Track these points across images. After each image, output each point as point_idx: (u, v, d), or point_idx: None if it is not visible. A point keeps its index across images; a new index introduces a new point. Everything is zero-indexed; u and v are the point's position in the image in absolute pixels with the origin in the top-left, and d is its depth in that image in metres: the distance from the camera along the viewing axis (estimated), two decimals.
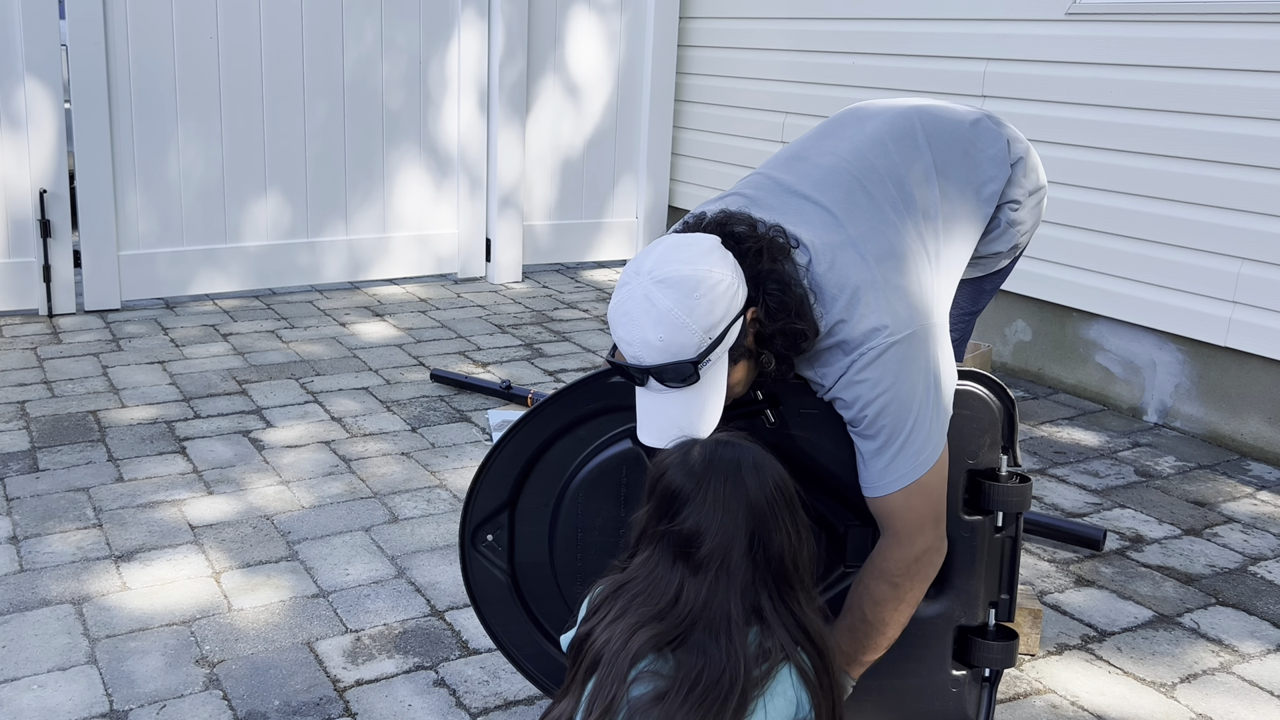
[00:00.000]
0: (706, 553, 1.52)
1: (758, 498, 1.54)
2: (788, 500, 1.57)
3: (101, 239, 4.92)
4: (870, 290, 1.81)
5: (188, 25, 4.96)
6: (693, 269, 1.70)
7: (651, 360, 1.70)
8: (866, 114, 2.15)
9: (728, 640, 1.49)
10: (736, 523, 1.53)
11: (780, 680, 1.51)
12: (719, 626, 1.50)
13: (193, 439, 3.60)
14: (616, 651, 1.51)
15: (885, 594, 1.87)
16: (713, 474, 1.55)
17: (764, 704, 1.49)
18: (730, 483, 1.54)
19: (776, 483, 1.56)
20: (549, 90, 5.95)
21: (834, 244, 1.85)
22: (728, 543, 1.52)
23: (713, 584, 1.52)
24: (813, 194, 1.93)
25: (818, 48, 5.37)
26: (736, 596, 1.52)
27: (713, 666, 1.48)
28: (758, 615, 1.53)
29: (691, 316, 1.67)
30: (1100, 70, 4.14)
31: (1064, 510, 3.32)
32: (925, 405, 1.80)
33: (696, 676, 1.47)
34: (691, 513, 1.54)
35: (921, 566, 1.88)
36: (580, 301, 5.57)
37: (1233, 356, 3.88)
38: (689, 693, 1.46)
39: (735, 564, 1.52)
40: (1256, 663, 2.56)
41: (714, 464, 1.56)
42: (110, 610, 2.58)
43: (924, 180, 2.00)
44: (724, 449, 1.58)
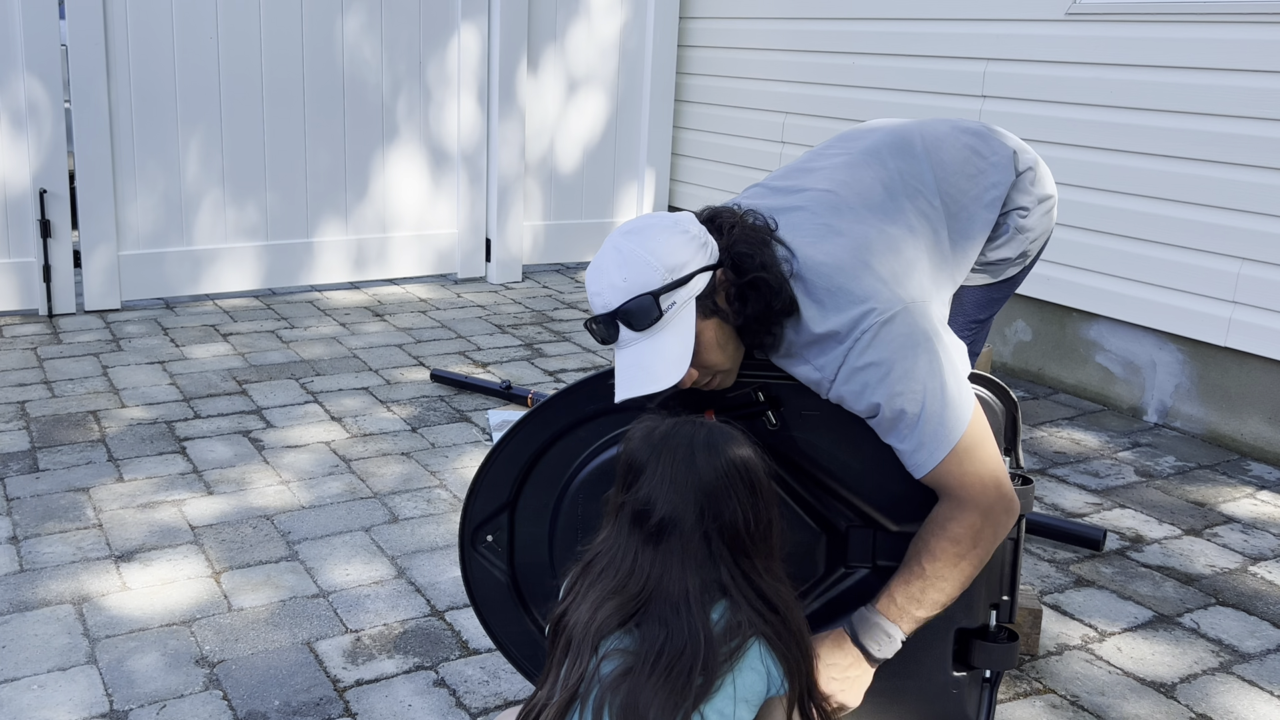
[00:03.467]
0: (657, 523, 1.55)
1: (708, 474, 1.56)
2: (745, 477, 1.58)
3: (101, 239, 4.92)
4: (858, 277, 1.82)
5: (188, 25, 4.96)
6: (659, 220, 1.81)
7: (617, 301, 1.76)
8: (866, 129, 2.19)
9: (687, 612, 1.51)
10: (684, 496, 1.55)
11: (749, 655, 1.53)
12: (677, 599, 1.53)
13: (193, 439, 3.60)
14: (584, 627, 1.54)
15: (946, 551, 1.83)
16: (666, 448, 1.59)
17: (733, 679, 1.51)
18: (681, 457, 1.57)
19: (732, 461, 1.58)
20: (549, 90, 5.94)
21: (820, 233, 1.88)
22: (676, 514, 1.55)
23: (665, 555, 1.54)
24: (802, 194, 1.97)
25: (818, 48, 5.37)
26: (692, 567, 1.54)
27: (674, 639, 1.50)
28: (721, 589, 1.55)
29: (654, 255, 1.75)
30: (1100, 70, 4.14)
31: (1064, 510, 3.32)
32: (934, 374, 1.78)
33: (659, 651, 1.49)
34: (644, 483, 1.57)
35: (986, 530, 1.83)
36: (580, 301, 5.57)
37: (1233, 356, 3.88)
38: (653, 666, 1.48)
39: (687, 534, 1.55)
40: (1256, 663, 2.56)
41: (670, 438, 1.60)
42: (110, 610, 2.58)
43: (920, 187, 2.02)
44: (684, 426, 1.62)
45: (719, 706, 1.50)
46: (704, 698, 1.49)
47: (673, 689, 1.48)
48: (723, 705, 1.50)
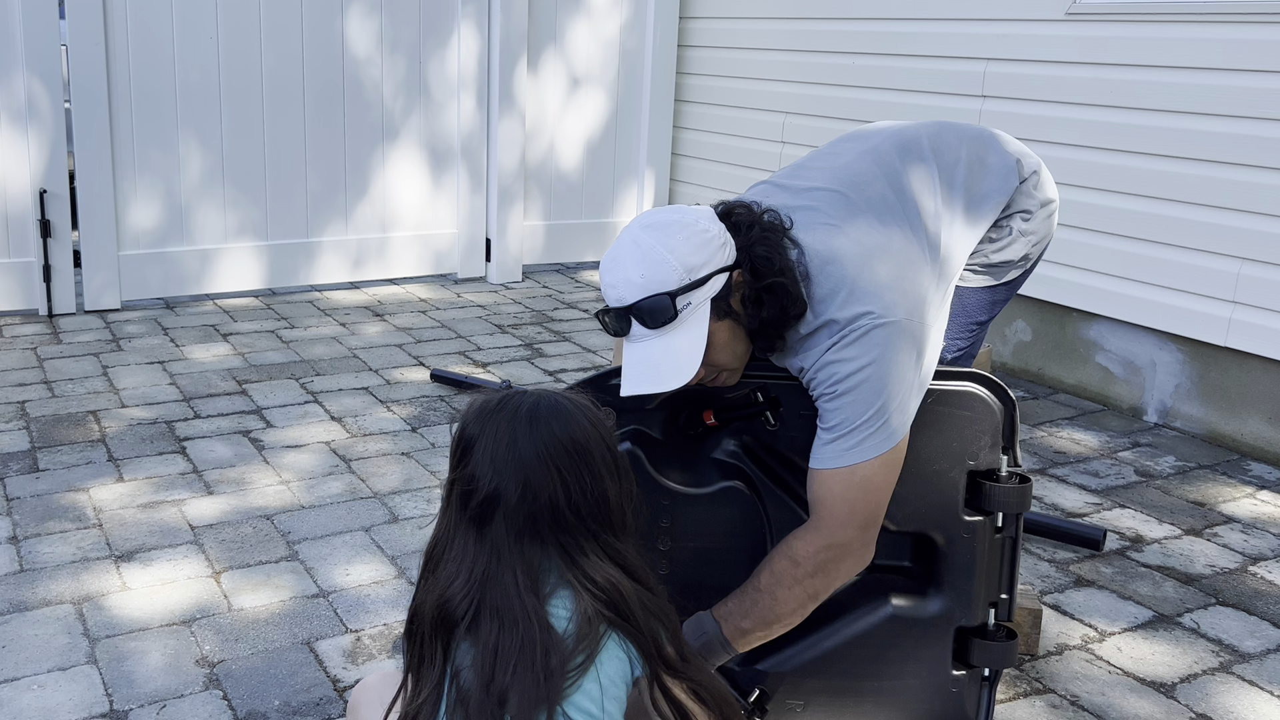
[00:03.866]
0: (479, 503, 1.47)
1: (527, 449, 1.46)
2: (572, 450, 1.48)
3: (101, 239, 4.92)
4: (861, 278, 1.84)
5: (188, 25, 4.96)
6: (680, 217, 1.80)
7: (632, 298, 1.76)
8: (872, 129, 2.20)
9: (519, 599, 1.44)
10: (504, 472, 1.46)
11: (609, 646, 1.46)
12: (508, 585, 1.44)
13: (193, 439, 3.60)
14: (431, 624, 1.46)
15: (786, 572, 1.84)
16: (491, 422, 1.50)
17: (596, 672, 1.43)
18: (504, 431, 1.48)
19: (555, 434, 1.48)
20: (549, 90, 5.95)
21: (829, 233, 1.88)
22: (498, 492, 1.46)
23: (494, 538, 1.46)
24: (811, 193, 1.98)
25: (818, 48, 5.37)
26: (519, 551, 1.46)
27: (507, 632, 1.42)
28: (555, 573, 1.47)
29: (673, 254, 1.75)
30: (1100, 70, 4.14)
31: (1064, 510, 3.32)
32: (891, 397, 1.80)
33: (495, 645, 1.42)
34: (470, 460, 1.49)
35: (830, 563, 1.84)
36: (580, 301, 5.57)
37: (1233, 356, 3.88)
38: (494, 663, 1.41)
39: (511, 514, 1.46)
40: (1256, 663, 2.56)
41: (496, 412, 1.51)
42: (110, 610, 2.58)
43: (926, 187, 2.03)
44: (514, 398, 1.53)
45: (580, 704, 1.42)
46: (559, 695, 1.41)
47: (523, 685, 1.40)
48: (585, 703, 1.42)
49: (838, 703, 2.05)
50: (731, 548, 2.01)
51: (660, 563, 2.02)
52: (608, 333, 1.82)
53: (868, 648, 2.01)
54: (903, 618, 2.02)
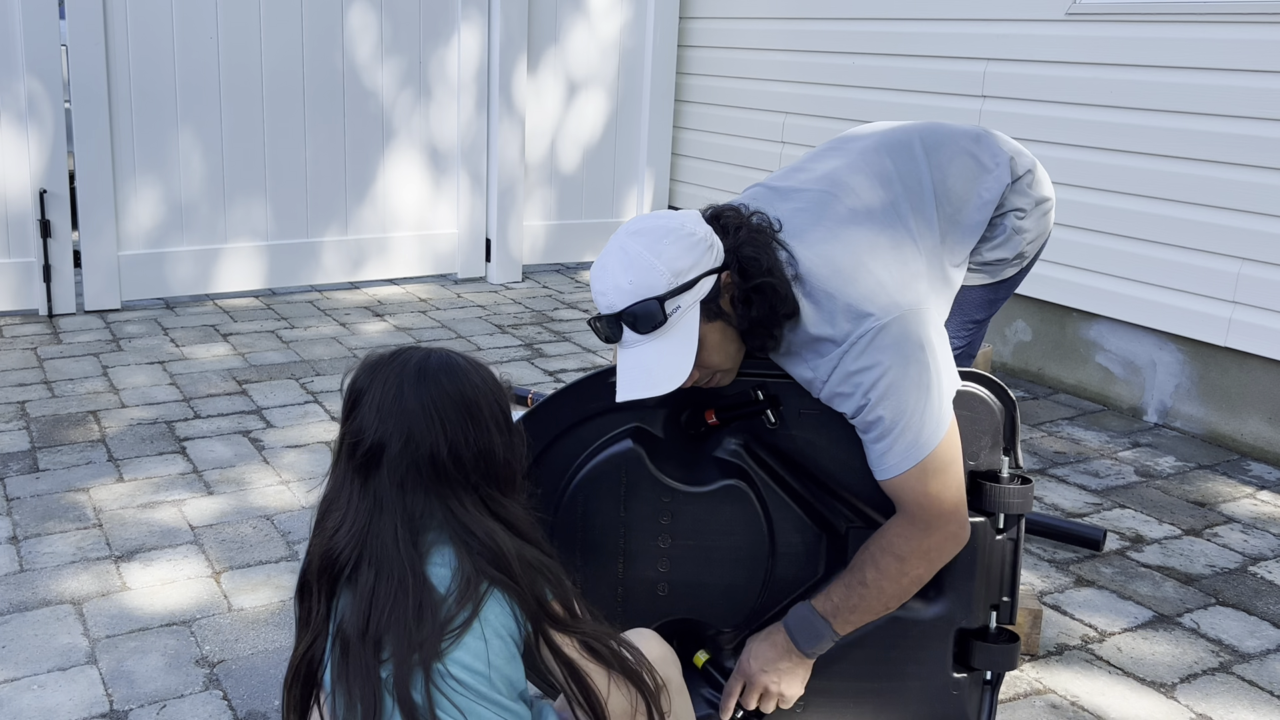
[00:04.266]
0: (363, 454, 1.48)
1: (412, 400, 1.47)
2: (460, 404, 1.49)
3: (101, 239, 4.92)
4: (858, 279, 1.84)
5: (188, 25, 4.96)
6: (666, 222, 1.81)
7: (622, 304, 1.77)
8: (866, 130, 2.21)
9: (396, 551, 1.45)
10: (388, 423, 1.47)
11: (490, 604, 1.46)
12: (387, 537, 1.46)
13: (193, 439, 3.60)
14: (316, 575, 1.49)
15: (890, 567, 1.87)
16: (379, 374, 1.51)
17: (480, 627, 1.44)
18: (392, 383, 1.49)
19: (443, 387, 1.49)
20: (549, 90, 5.94)
21: (821, 236, 1.89)
22: (381, 441, 1.47)
23: (377, 489, 1.48)
24: (804, 195, 1.98)
25: (818, 48, 5.37)
26: (400, 502, 1.47)
27: (384, 583, 1.44)
28: (436, 527, 1.48)
29: (660, 259, 1.76)
30: (1100, 70, 4.14)
31: (1064, 510, 3.32)
32: (920, 385, 1.80)
33: (371, 597, 1.44)
34: (359, 410, 1.50)
35: (933, 552, 1.87)
36: (580, 301, 5.57)
37: (1233, 356, 3.88)
38: (369, 614, 1.43)
39: (393, 465, 1.47)
40: (1256, 663, 2.56)
41: (386, 365, 1.52)
42: (110, 610, 2.58)
43: (918, 187, 2.04)
44: (406, 352, 1.54)
45: (463, 660, 1.43)
46: (436, 652, 1.41)
47: (398, 634, 1.42)
48: (468, 659, 1.43)
49: (838, 704, 2.05)
50: (732, 546, 2.01)
51: (660, 561, 2.02)
52: (600, 339, 1.83)
53: (868, 649, 2.01)
54: (904, 619, 2.02)
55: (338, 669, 1.46)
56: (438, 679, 1.42)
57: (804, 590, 2.05)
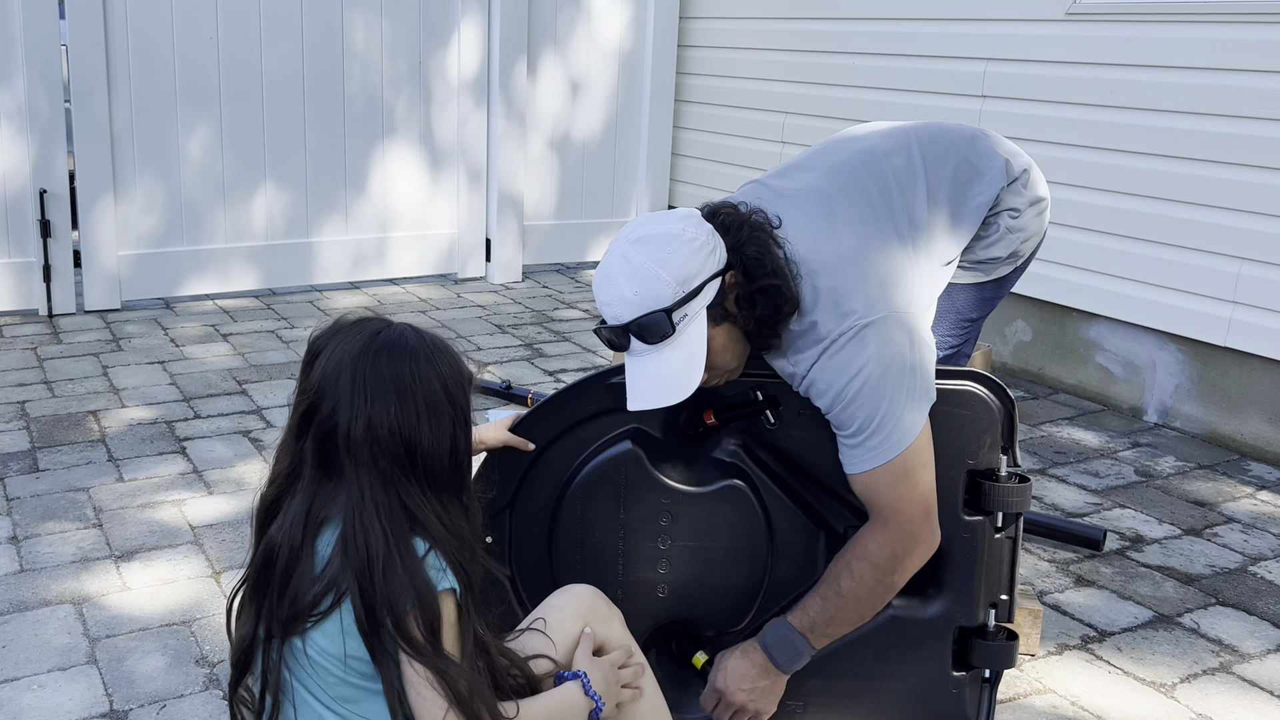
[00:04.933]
0: (299, 415, 1.48)
1: (348, 371, 1.46)
2: (392, 387, 1.45)
3: (101, 239, 4.92)
4: (846, 276, 1.85)
5: (188, 25, 4.96)
6: (667, 228, 1.79)
7: (629, 316, 1.76)
8: (862, 130, 2.22)
9: (293, 520, 1.46)
10: (325, 389, 1.46)
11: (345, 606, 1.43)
12: (297, 502, 1.47)
13: (193, 439, 3.60)
14: (255, 515, 1.54)
15: (865, 573, 1.87)
16: (336, 338, 1.50)
17: (339, 616, 1.43)
18: (341, 349, 1.48)
19: (382, 368, 1.46)
20: (549, 90, 5.95)
21: (814, 234, 1.90)
22: (316, 406, 1.46)
23: (301, 451, 1.49)
24: (798, 193, 1.99)
25: (818, 48, 5.37)
26: (316, 468, 1.47)
27: (271, 545, 1.46)
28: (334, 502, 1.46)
29: (664, 269, 1.75)
30: (1100, 70, 4.14)
31: (1064, 510, 3.32)
32: (898, 386, 1.81)
33: (265, 556, 1.46)
34: (311, 369, 1.50)
35: (906, 558, 1.87)
36: (580, 301, 5.57)
37: (1233, 356, 3.88)
38: (259, 572, 1.46)
39: (317, 429, 1.46)
40: (1256, 663, 2.56)
41: (348, 329, 1.51)
42: (110, 610, 2.58)
43: (912, 186, 2.04)
44: (371, 323, 1.52)
45: (318, 643, 1.44)
46: (296, 628, 1.43)
47: (270, 602, 1.44)
48: (323, 642, 1.44)
49: (838, 703, 2.05)
50: (731, 547, 2.01)
51: (660, 562, 2.02)
52: (608, 347, 1.83)
53: (868, 648, 2.02)
54: (903, 618, 2.02)
55: (247, 603, 1.51)
56: (290, 654, 1.45)
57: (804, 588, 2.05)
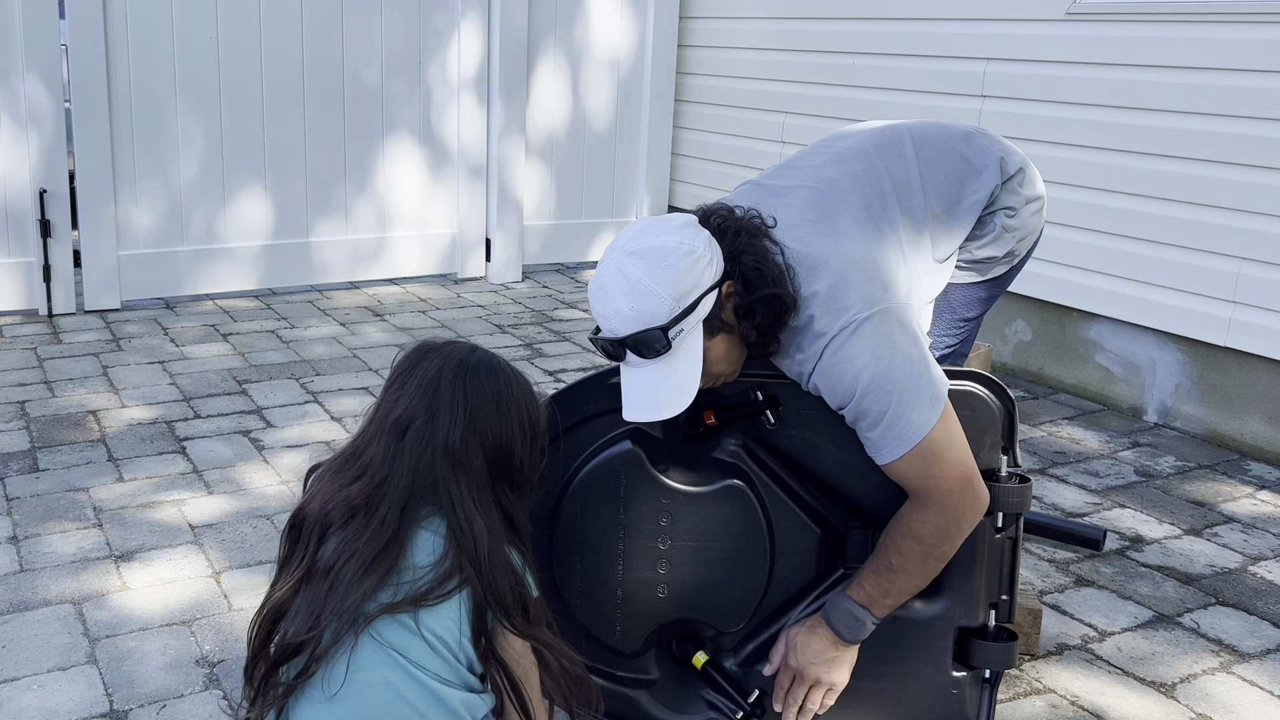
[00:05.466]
0: (394, 421, 1.65)
1: (447, 387, 1.64)
2: (491, 401, 1.66)
3: (101, 239, 4.92)
4: (843, 274, 1.85)
5: (188, 25, 4.96)
6: (663, 240, 1.78)
7: (625, 330, 1.76)
8: (857, 128, 2.22)
9: (393, 514, 1.59)
10: (421, 400, 1.64)
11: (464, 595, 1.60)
12: (393, 498, 1.61)
13: (193, 439, 3.60)
14: (314, 517, 1.64)
15: (912, 549, 1.88)
16: (428, 357, 1.69)
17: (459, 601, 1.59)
18: (434, 367, 1.67)
19: (482, 383, 1.66)
20: (549, 89, 5.95)
21: (810, 233, 1.89)
22: (412, 415, 1.64)
23: (398, 456, 1.63)
24: (794, 192, 1.99)
25: (818, 48, 5.37)
26: (413, 471, 1.62)
27: (375, 538, 1.58)
28: (435, 501, 1.62)
29: (660, 284, 1.74)
30: (1100, 70, 4.14)
31: (1064, 510, 3.32)
32: (907, 374, 1.80)
33: (362, 545, 1.58)
34: (402, 385, 1.68)
35: (952, 528, 1.87)
36: (580, 301, 5.57)
37: (1233, 356, 3.88)
38: (351, 559, 1.58)
39: (415, 436, 1.63)
40: (1256, 663, 2.56)
41: (438, 350, 1.70)
42: (110, 610, 2.58)
43: (906, 185, 2.04)
44: (455, 344, 1.72)
45: (437, 630, 1.58)
46: (417, 611, 1.56)
47: (350, 587, 1.56)
48: (444, 627, 1.58)
49: (838, 703, 2.05)
50: (732, 547, 2.01)
51: (660, 562, 2.02)
52: (603, 356, 1.83)
53: (868, 649, 2.01)
54: (903, 618, 2.02)
55: (302, 594, 1.61)
56: (384, 635, 1.56)
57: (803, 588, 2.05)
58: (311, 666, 1.56)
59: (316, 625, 1.56)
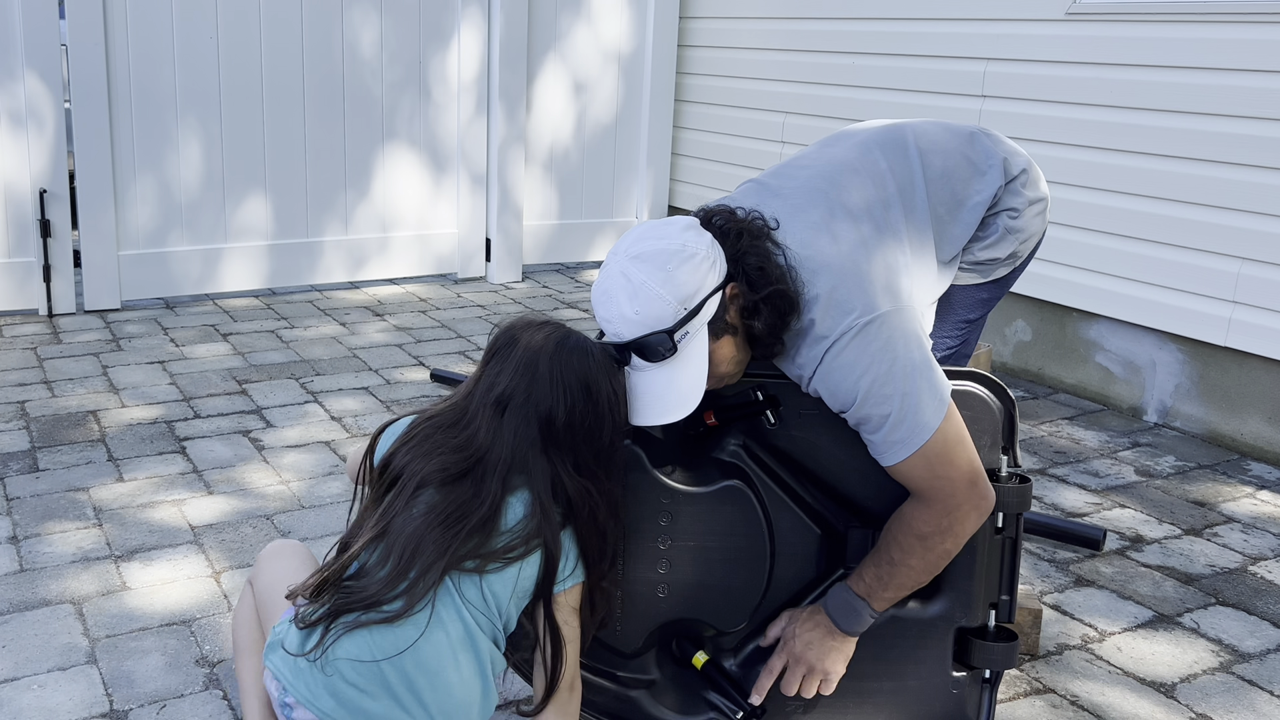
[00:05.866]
0: (496, 396, 1.77)
1: (544, 366, 1.77)
2: (582, 383, 1.77)
3: (101, 239, 4.92)
4: (845, 276, 1.84)
5: (188, 25, 4.96)
6: (666, 243, 1.78)
7: (630, 334, 1.77)
8: (859, 127, 2.22)
9: (493, 480, 1.74)
10: (522, 378, 1.77)
11: (534, 556, 1.76)
12: (492, 467, 1.74)
13: (193, 439, 3.60)
14: (411, 472, 1.76)
15: (913, 545, 1.87)
16: (526, 333, 1.81)
17: (520, 567, 1.75)
18: (534, 345, 1.79)
19: (574, 365, 1.78)
20: (549, 90, 5.95)
21: (811, 233, 1.89)
22: (512, 391, 1.77)
23: (499, 428, 1.76)
24: (795, 192, 1.98)
25: (818, 48, 5.37)
26: (513, 443, 1.75)
27: (472, 502, 1.72)
28: (527, 472, 1.75)
29: (665, 288, 1.74)
30: (1100, 70, 4.14)
31: (1064, 510, 3.32)
32: (909, 377, 1.80)
33: (459, 505, 1.72)
34: (501, 360, 1.80)
35: (955, 526, 1.86)
36: (580, 301, 5.57)
37: (1233, 356, 3.88)
38: (445, 517, 1.71)
39: (515, 411, 1.76)
40: (1256, 663, 2.56)
41: (537, 328, 1.82)
42: (110, 610, 2.58)
43: (909, 184, 2.04)
44: (552, 324, 1.84)
45: (495, 588, 1.74)
46: (486, 567, 1.72)
47: (447, 540, 1.70)
48: (501, 586, 1.74)
49: (838, 704, 2.05)
50: (732, 547, 2.01)
51: (660, 562, 2.02)
52: None
53: (868, 649, 2.02)
54: (903, 619, 2.02)
55: (386, 541, 1.74)
56: (457, 583, 1.72)
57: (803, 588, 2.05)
58: (383, 606, 1.69)
59: (403, 576, 1.69)
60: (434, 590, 1.70)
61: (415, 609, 1.69)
